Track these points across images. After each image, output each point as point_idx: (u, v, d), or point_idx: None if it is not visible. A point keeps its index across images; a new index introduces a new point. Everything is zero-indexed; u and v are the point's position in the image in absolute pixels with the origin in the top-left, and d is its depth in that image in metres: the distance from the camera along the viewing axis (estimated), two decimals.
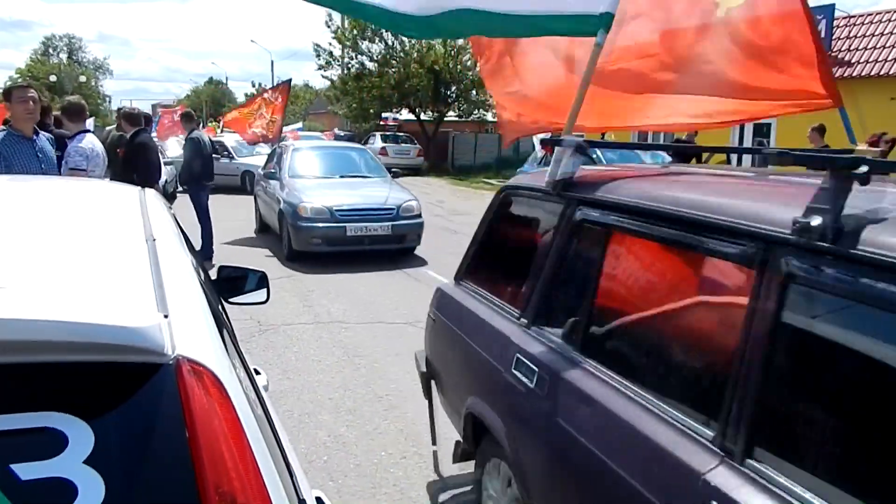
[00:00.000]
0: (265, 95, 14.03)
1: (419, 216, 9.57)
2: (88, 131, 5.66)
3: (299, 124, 33.36)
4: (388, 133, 28.33)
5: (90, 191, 2.35)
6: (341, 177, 10.51)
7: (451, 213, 14.78)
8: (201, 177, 9.23)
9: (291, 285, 7.87)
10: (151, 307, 1.13)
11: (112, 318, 0.99)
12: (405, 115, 30.43)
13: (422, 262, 9.23)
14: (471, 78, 27.69)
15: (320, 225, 8.95)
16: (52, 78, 51.60)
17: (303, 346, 5.77)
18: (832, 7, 15.34)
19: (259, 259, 9.10)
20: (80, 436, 0.93)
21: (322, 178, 10.35)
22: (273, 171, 10.78)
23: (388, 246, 9.22)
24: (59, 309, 0.99)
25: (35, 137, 4.67)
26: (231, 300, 2.79)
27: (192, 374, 1.02)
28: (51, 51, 67.83)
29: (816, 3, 15.33)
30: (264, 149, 16.83)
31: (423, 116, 29.25)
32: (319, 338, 6.01)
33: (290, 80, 14.70)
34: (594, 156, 11.66)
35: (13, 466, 0.89)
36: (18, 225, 1.57)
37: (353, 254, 9.15)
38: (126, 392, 0.98)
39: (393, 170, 11.65)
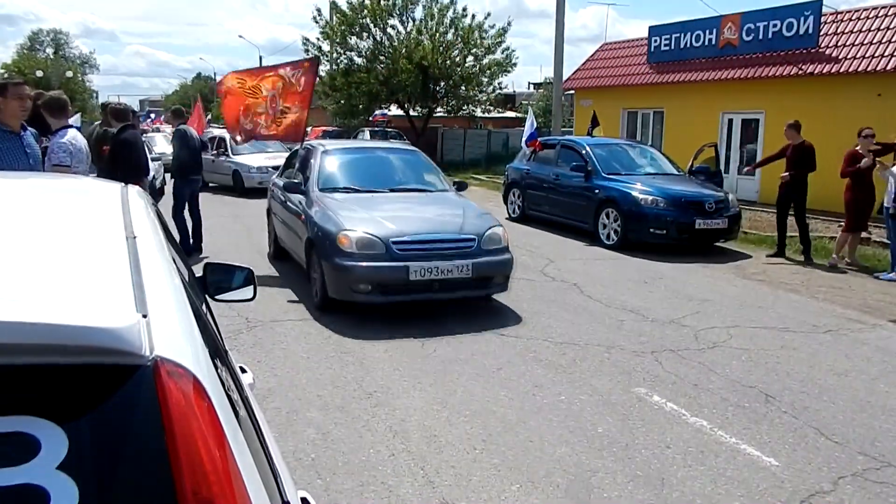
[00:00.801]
0: (282, 72, 9.07)
1: (507, 250, 6.84)
2: (71, 127, 5.58)
3: None
4: (376, 129, 28.27)
5: (71, 187, 2.31)
6: (391, 191, 7.67)
7: None
8: (189, 170, 9.30)
9: (279, 282, 7.82)
10: (129, 307, 1.10)
11: (87, 318, 0.96)
12: (394, 110, 30.33)
13: None
14: (459, 74, 27.66)
15: (371, 265, 6.20)
16: (39, 73, 51.10)
17: (290, 343, 5.74)
18: (819, 3, 15.42)
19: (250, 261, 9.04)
20: (54, 440, 0.90)
21: (366, 192, 7.47)
22: (296, 181, 7.97)
23: (467, 293, 6.60)
24: (32, 310, 0.97)
25: (22, 133, 4.65)
26: (217, 297, 2.75)
27: (170, 376, 1.00)
28: (37, 46, 67.21)
29: (803, 0, 15.41)
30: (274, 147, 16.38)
31: (411, 112, 29.20)
32: (307, 334, 5.98)
33: (317, 59, 11.08)
34: (583, 151, 11.75)
35: None
36: None
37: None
38: (102, 395, 0.95)
39: (457, 181, 9.30)
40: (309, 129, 22.46)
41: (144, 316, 1.07)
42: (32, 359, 0.93)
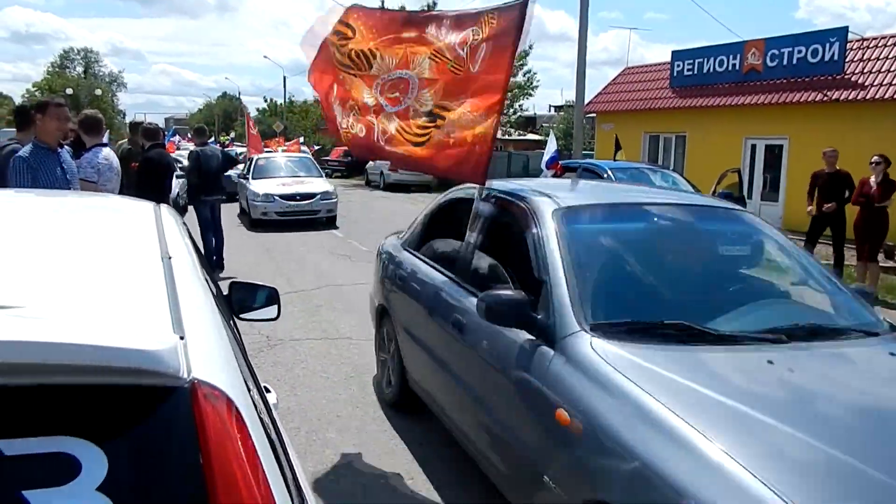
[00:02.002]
0: (448, 38, 4.11)
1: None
2: (105, 145, 5.72)
3: (301, 138, 33.36)
4: None
5: (106, 206, 2.35)
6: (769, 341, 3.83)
7: None
8: (199, 191, 9.44)
9: (299, 300, 7.86)
10: (167, 329, 1.12)
11: (128, 340, 0.97)
12: None
13: None
14: None
15: None
16: (69, 91, 52.18)
17: (311, 362, 5.75)
18: (845, 29, 15.36)
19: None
20: (94, 461, 0.91)
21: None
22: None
23: None
24: (73, 331, 0.98)
25: (59, 150, 4.76)
26: (242, 316, 2.78)
27: (207, 398, 1.01)
28: (68, 64, 68.72)
29: (829, 26, 15.34)
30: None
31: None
32: (328, 354, 5.99)
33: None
34: (604, 175, 11.73)
35: (25, 493, 0.87)
36: (36, 242, 1.57)
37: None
38: (140, 416, 0.97)
39: None
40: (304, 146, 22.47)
41: (181, 338, 1.09)
42: (73, 379, 0.95)
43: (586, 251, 3.19)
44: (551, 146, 13.87)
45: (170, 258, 1.50)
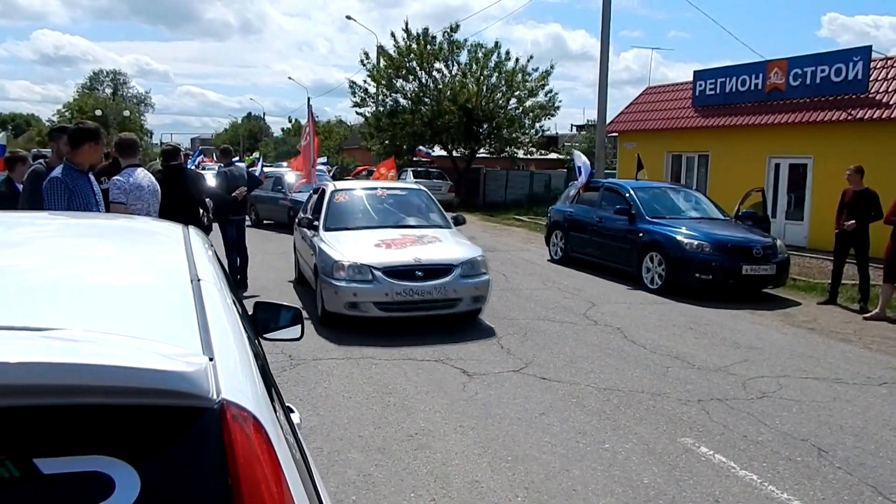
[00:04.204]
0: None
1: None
2: (139, 166, 5.85)
3: (323, 158, 33.64)
4: (420, 168, 28.63)
5: (136, 228, 2.40)
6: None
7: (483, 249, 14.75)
8: (224, 210, 9.55)
9: (322, 320, 7.90)
10: (196, 350, 1.15)
11: (158, 362, 1.00)
12: (437, 151, 30.76)
13: None
14: (503, 116, 27.96)
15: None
16: (98, 112, 53.24)
17: (333, 382, 5.77)
18: (869, 49, 15.25)
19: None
20: (127, 480, 0.93)
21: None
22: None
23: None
24: (107, 354, 1.01)
25: (88, 173, 4.87)
26: (266, 336, 2.81)
27: (235, 419, 1.03)
28: (97, 86, 70.23)
29: (852, 44, 15.21)
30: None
31: (454, 153, 29.52)
32: (350, 374, 6.01)
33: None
34: (627, 195, 11.71)
35: None
36: (69, 265, 1.61)
37: None
38: (171, 436, 0.99)
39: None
40: (325, 166, 22.65)
41: (211, 359, 1.11)
42: (106, 399, 0.98)
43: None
44: (583, 164, 13.68)
45: (199, 280, 1.53)
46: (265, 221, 18.34)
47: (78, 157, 4.72)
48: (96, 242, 1.96)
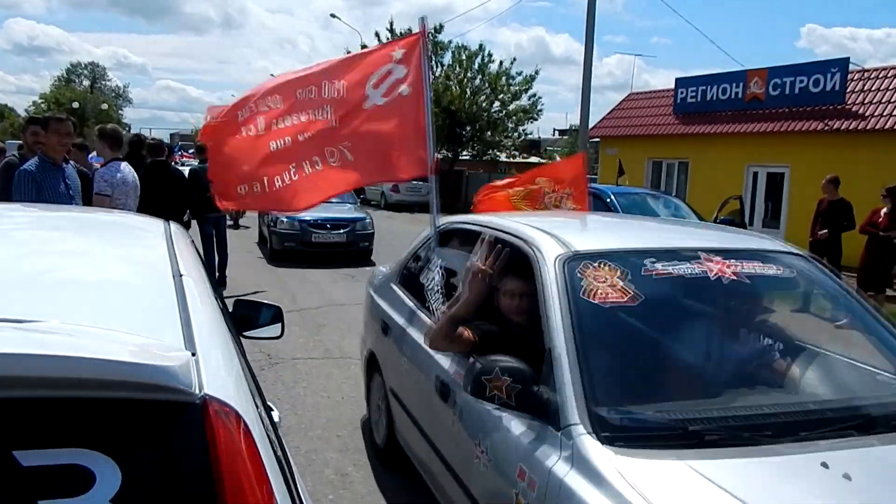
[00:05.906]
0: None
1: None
2: (123, 160, 5.80)
3: None
4: None
5: (118, 223, 2.38)
6: None
7: None
8: (202, 207, 9.44)
9: (301, 319, 7.87)
10: (179, 345, 1.15)
11: (142, 356, 1.00)
12: None
13: None
14: (486, 119, 28.03)
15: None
16: (75, 104, 52.51)
17: (312, 381, 5.75)
18: (846, 60, 15.50)
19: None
20: (108, 474, 0.93)
21: None
22: None
23: None
24: (89, 346, 1.00)
25: (64, 165, 4.80)
26: (246, 334, 2.80)
27: (218, 414, 1.03)
28: (74, 78, 69.24)
29: (830, 55, 15.49)
30: None
31: (437, 155, 29.53)
32: (329, 373, 5.99)
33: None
34: (607, 200, 11.77)
35: (41, 503, 0.89)
36: (52, 258, 1.60)
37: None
38: (154, 430, 0.99)
39: None
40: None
41: (193, 354, 1.11)
42: (89, 393, 0.97)
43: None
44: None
45: (181, 276, 1.52)
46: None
47: (46, 149, 4.68)
48: (75, 236, 1.95)
